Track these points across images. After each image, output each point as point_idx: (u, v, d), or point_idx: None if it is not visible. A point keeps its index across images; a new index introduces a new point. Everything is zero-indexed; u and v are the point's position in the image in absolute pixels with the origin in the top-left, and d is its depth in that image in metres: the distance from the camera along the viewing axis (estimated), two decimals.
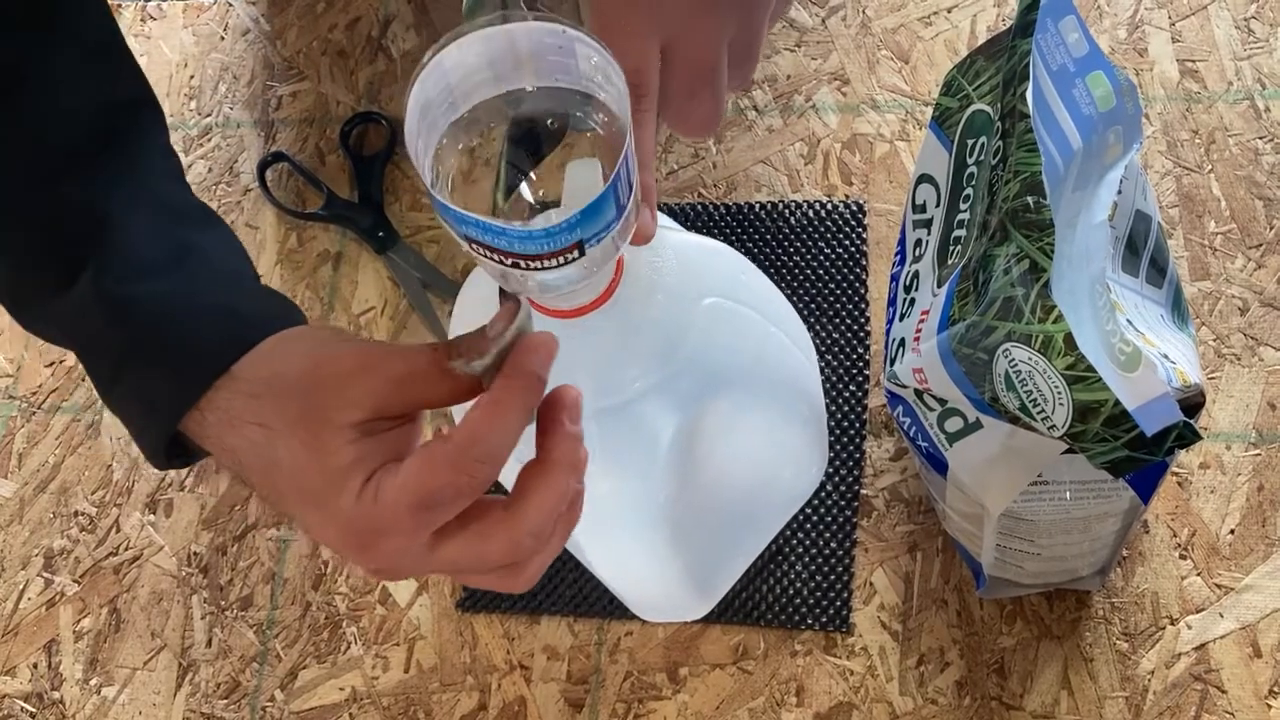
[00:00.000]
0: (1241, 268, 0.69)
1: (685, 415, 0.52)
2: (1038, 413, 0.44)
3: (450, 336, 0.44)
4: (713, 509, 0.58)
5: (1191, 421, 0.42)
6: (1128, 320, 0.50)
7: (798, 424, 0.61)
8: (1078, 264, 0.46)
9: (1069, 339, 0.42)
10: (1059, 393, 0.42)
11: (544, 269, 0.38)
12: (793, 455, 0.63)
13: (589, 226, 0.37)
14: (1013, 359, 0.43)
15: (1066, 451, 0.48)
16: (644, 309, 0.48)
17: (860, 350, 0.70)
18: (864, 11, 0.81)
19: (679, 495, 0.54)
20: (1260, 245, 0.69)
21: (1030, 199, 0.43)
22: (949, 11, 0.80)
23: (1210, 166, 0.72)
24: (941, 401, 0.52)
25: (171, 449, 0.47)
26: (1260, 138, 0.72)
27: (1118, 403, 0.41)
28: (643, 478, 0.53)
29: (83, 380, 0.80)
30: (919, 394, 0.53)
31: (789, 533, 0.67)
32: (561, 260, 0.38)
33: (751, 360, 0.55)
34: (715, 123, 0.51)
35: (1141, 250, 0.54)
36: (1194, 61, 0.75)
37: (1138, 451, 0.42)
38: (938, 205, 0.55)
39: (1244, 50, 0.75)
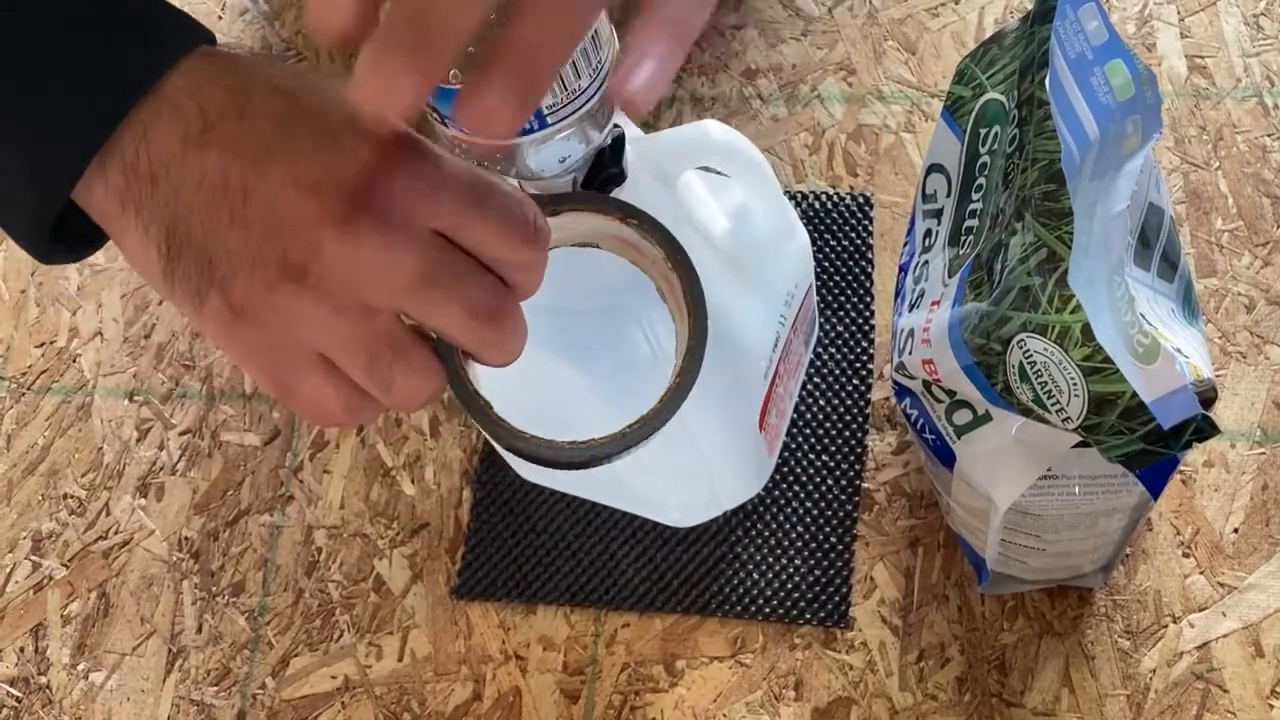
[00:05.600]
0: (1248, 265, 0.68)
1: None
2: (1052, 404, 0.43)
3: None
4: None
5: (1209, 415, 0.41)
6: (1140, 314, 0.49)
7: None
8: (1095, 254, 0.45)
9: (1086, 329, 0.41)
10: (1075, 384, 0.42)
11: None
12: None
13: None
14: (1028, 349, 0.43)
15: (1077, 445, 0.48)
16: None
17: (864, 344, 0.70)
18: (871, 2, 0.80)
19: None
20: (1267, 243, 0.69)
21: (1050, 187, 0.42)
22: (956, 3, 0.79)
23: (1218, 163, 0.71)
24: (950, 393, 0.51)
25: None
26: (1268, 135, 0.71)
27: (1135, 395, 0.41)
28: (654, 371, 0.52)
29: (74, 361, 0.78)
30: (927, 385, 0.52)
31: (789, 525, 0.66)
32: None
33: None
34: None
35: (1154, 244, 0.53)
36: (1202, 57, 0.75)
37: (1154, 445, 0.41)
38: (948, 195, 0.55)
39: (1253, 47, 0.74)
